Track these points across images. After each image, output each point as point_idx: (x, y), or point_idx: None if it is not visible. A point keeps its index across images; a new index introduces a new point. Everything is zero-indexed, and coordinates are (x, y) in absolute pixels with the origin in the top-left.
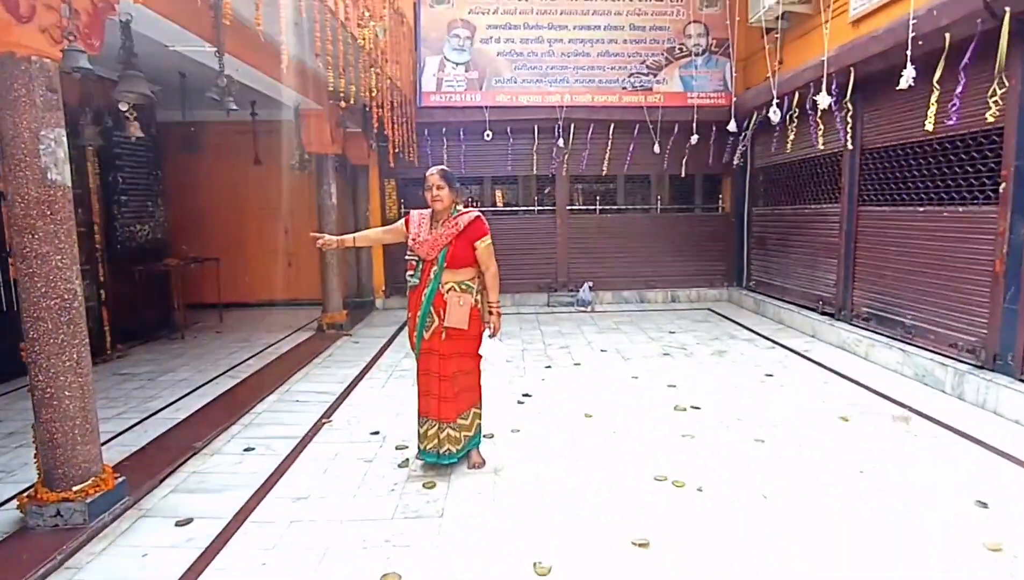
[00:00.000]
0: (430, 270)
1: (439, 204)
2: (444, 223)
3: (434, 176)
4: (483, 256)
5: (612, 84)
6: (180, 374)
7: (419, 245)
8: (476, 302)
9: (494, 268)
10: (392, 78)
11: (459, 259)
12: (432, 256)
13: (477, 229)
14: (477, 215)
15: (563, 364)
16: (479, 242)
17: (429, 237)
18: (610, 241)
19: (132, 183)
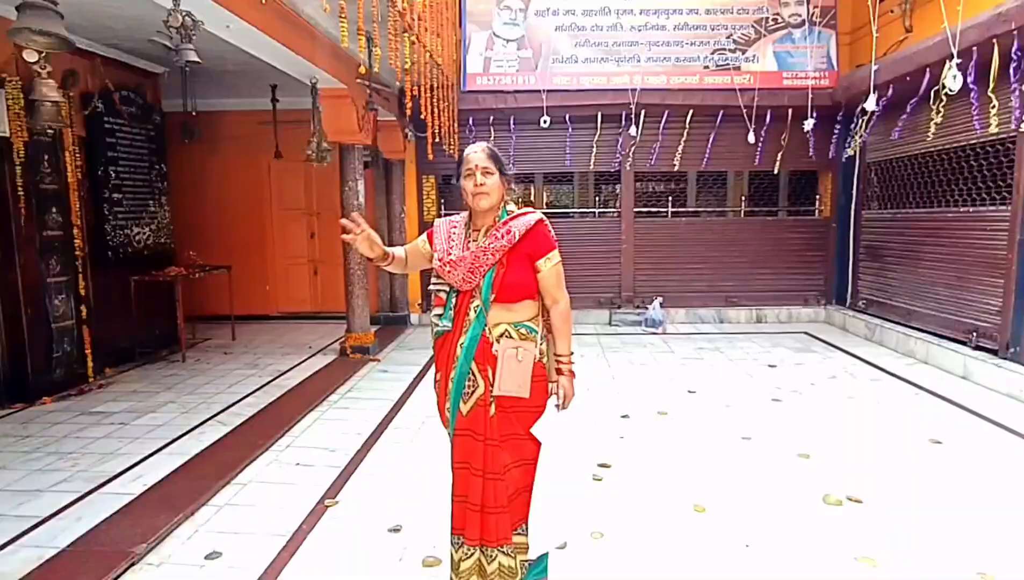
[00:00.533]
0: (468, 306)
1: (484, 200)
2: (489, 232)
3: (478, 154)
4: (549, 282)
5: (692, 63)
6: (162, 415)
7: (450, 268)
8: (541, 353)
9: (565, 300)
10: (432, 52)
11: (514, 288)
12: (471, 284)
13: (541, 239)
14: (539, 218)
15: (644, 412)
16: (544, 261)
17: (466, 255)
18: (683, 249)
19: (129, 179)
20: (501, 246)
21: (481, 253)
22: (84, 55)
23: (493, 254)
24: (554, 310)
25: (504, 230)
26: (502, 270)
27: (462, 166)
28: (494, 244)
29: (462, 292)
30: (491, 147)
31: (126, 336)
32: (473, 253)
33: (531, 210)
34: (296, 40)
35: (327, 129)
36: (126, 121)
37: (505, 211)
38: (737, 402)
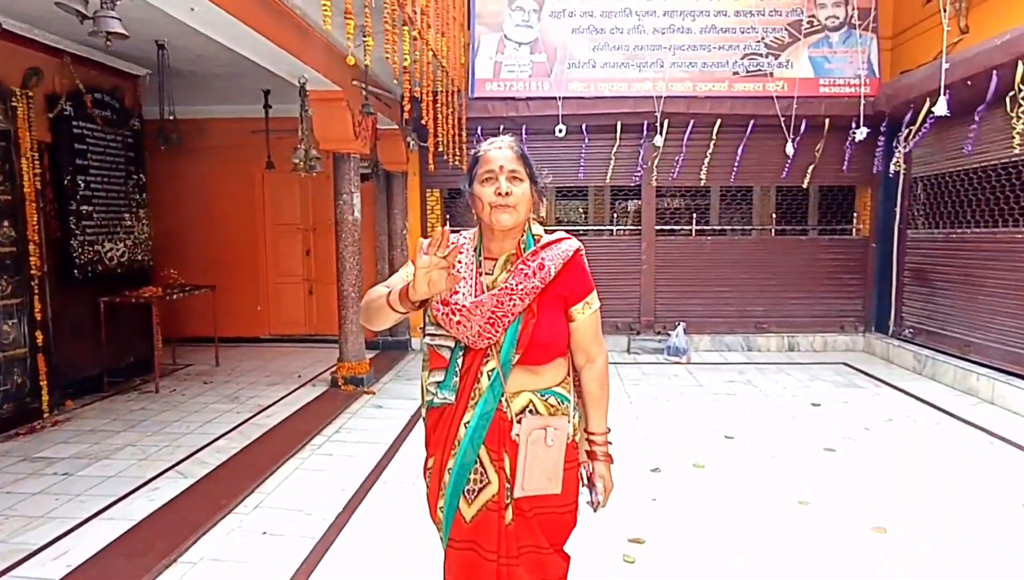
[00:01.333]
0: (478, 369)
1: (509, 216)
2: (512, 263)
3: (503, 152)
4: (586, 334)
5: (720, 68)
6: (115, 462)
7: (460, 317)
8: (575, 429)
9: (603, 358)
10: (436, 52)
11: (546, 345)
12: (489, 340)
13: (580, 277)
14: (578, 246)
15: (677, 463)
16: (582, 307)
17: (484, 299)
18: (707, 271)
19: (101, 189)
20: (533, 287)
21: (506, 297)
22: (50, 52)
23: (522, 298)
24: (588, 371)
25: (536, 263)
26: (531, 320)
27: (477, 167)
28: (524, 284)
29: (469, 350)
30: (520, 144)
31: (93, 364)
32: (495, 296)
33: (565, 234)
34: (279, 31)
35: (319, 135)
36: (99, 126)
37: (531, 234)
38: (783, 451)
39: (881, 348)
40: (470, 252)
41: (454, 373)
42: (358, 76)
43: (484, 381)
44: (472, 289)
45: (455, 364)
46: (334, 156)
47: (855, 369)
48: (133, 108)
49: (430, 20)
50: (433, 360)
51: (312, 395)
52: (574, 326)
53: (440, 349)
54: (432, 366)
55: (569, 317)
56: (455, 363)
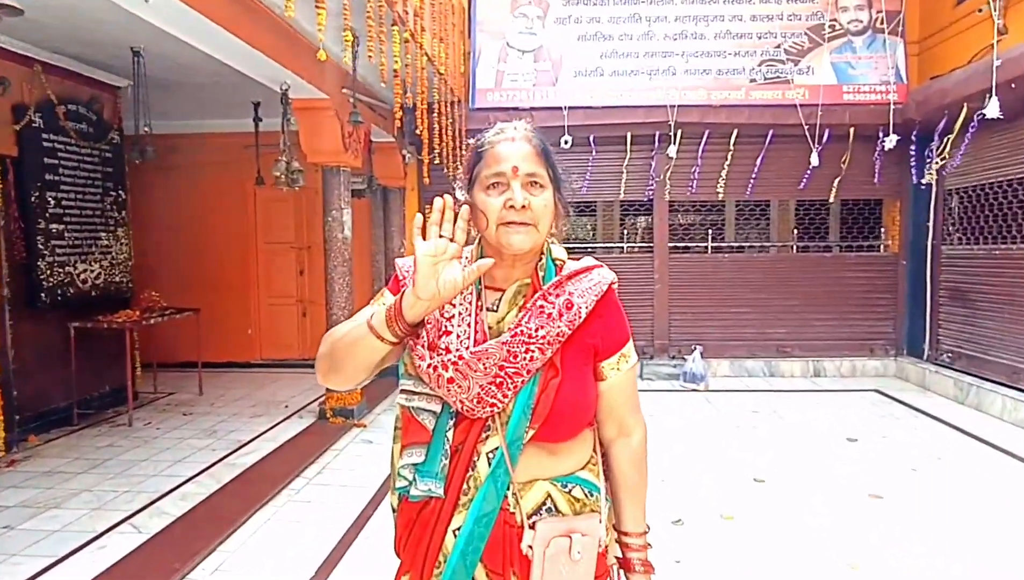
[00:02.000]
0: (474, 448)
1: (525, 236)
2: (524, 297)
3: (518, 145)
4: (620, 397)
5: (736, 75)
6: (65, 513)
7: (450, 370)
8: (607, 535)
9: (642, 430)
10: (432, 58)
11: (571, 413)
12: (493, 407)
13: (613, 320)
14: (612, 279)
15: (702, 515)
16: (616, 361)
17: (490, 349)
18: (725, 291)
19: (74, 207)
20: (558, 333)
21: (521, 347)
22: (19, 59)
23: (543, 349)
24: (621, 448)
25: (562, 301)
26: (554, 381)
27: (479, 166)
28: (547, 328)
29: (464, 419)
30: (539, 134)
31: (62, 396)
32: (506, 345)
33: (593, 261)
34: (254, 30)
35: (305, 147)
36: (73, 139)
37: (551, 259)
38: (823, 499)
39: (915, 374)
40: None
41: (440, 452)
42: (347, 83)
43: (482, 466)
44: (470, 331)
45: (442, 439)
46: (323, 170)
47: (889, 397)
48: (112, 121)
49: (424, 23)
50: (409, 430)
51: (297, 428)
52: (605, 387)
53: (420, 415)
54: (407, 440)
55: (598, 374)
56: (442, 438)
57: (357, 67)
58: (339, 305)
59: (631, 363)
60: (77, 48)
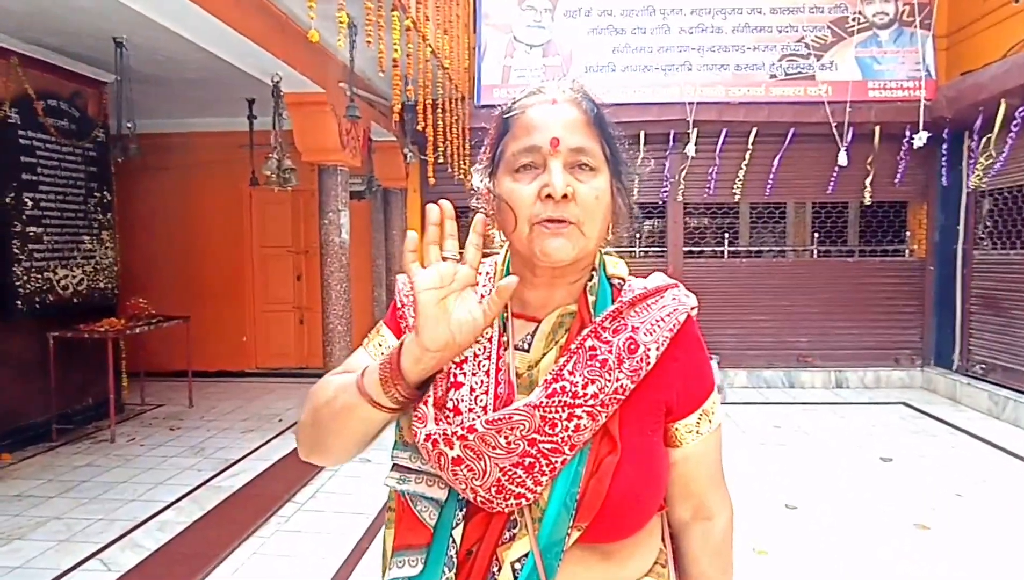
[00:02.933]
0: (493, 551)
1: (563, 242)
2: (568, 332)
3: (559, 106)
4: (700, 467)
5: (756, 71)
6: (29, 545)
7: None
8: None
9: (728, 513)
10: (436, 50)
11: (633, 506)
12: (520, 500)
13: (694, 364)
14: (691, 305)
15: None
16: (695, 420)
17: (518, 413)
18: (742, 297)
19: (54, 208)
20: (617, 390)
21: (561, 410)
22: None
23: (594, 414)
24: (699, 535)
25: (622, 339)
26: (609, 457)
27: (506, 139)
28: (601, 382)
29: (478, 511)
30: (592, 97)
31: (40, 410)
32: (538, 407)
33: (664, 279)
34: (240, 14)
35: (299, 145)
36: (53, 137)
37: (604, 276)
38: (864, 529)
39: (945, 386)
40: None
41: (442, 561)
42: (344, 76)
43: (500, 570)
44: (489, 383)
45: (445, 541)
46: (320, 170)
47: (919, 410)
48: (97, 117)
49: (428, 12)
50: (402, 525)
51: (291, 445)
52: (680, 456)
53: (418, 504)
54: (399, 541)
55: (670, 439)
56: (446, 539)
57: (355, 58)
58: (336, 313)
59: (716, 422)
60: (58, 40)
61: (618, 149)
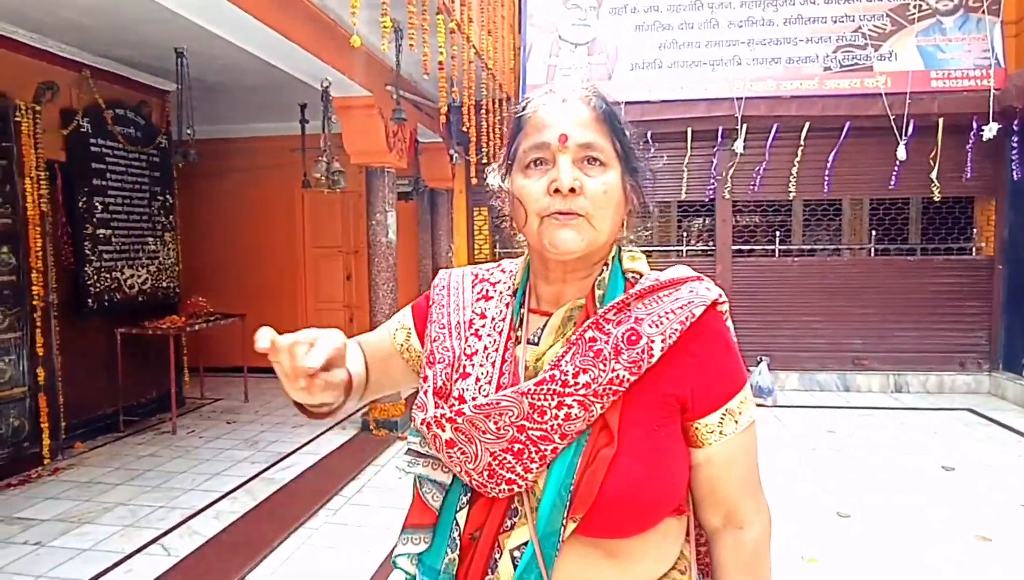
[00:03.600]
0: (495, 538)
1: (571, 233)
2: (576, 322)
3: (568, 105)
4: (727, 470)
5: (809, 64)
6: (97, 529)
7: (448, 430)
8: None
9: (763, 521)
10: (480, 52)
11: (633, 503)
12: (513, 486)
13: (714, 359)
14: (712, 298)
15: (779, 557)
16: (717, 419)
17: (500, 399)
18: (794, 297)
19: (122, 212)
20: (613, 381)
21: (552, 398)
22: (68, 64)
23: (586, 403)
24: (730, 545)
25: (623, 330)
26: (606, 451)
27: (519, 138)
28: (594, 372)
29: (481, 497)
30: (602, 94)
31: (109, 402)
32: (527, 395)
33: (687, 272)
34: (290, 22)
35: (348, 147)
36: (121, 144)
37: (619, 271)
38: (921, 539)
39: (1015, 392)
40: (507, 294)
41: (446, 542)
42: (390, 79)
43: (505, 569)
44: (494, 374)
45: (450, 523)
46: (367, 171)
47: (986, 418)
48: (160, 125)
49: (472, 13)
50: (414, 507)
51: (339, 440)
52: (703, 458)
53: (424, 487)
54: (408, 519)
55: (692, 439)
56: (450, 521)
57: (401, 62)
58: (383, 312)
59: (744, 423)
60: (124, 52)
61: (629, 145)
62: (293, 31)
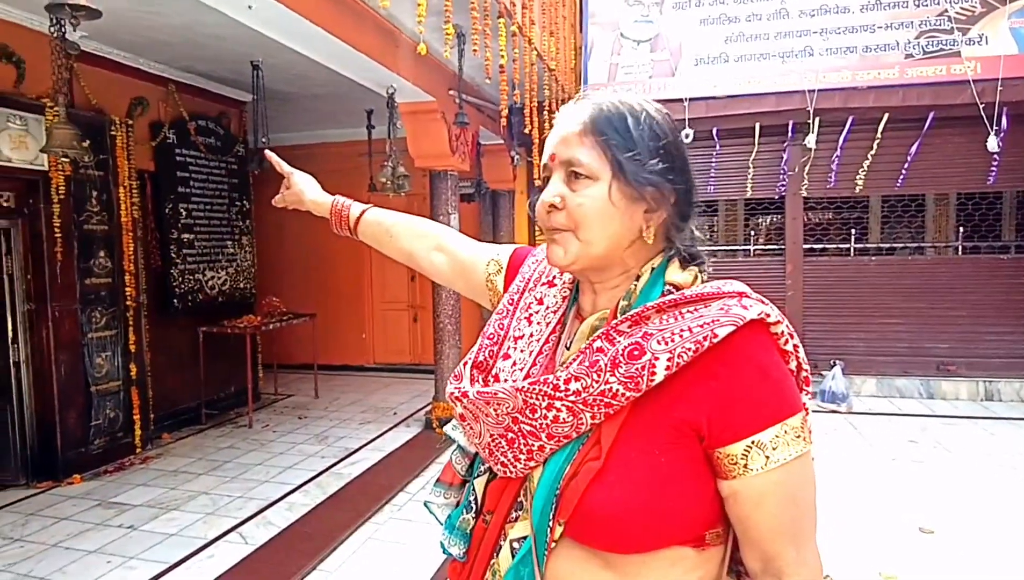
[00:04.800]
0: (503, 523)
1: (556, 249)
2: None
3: (561, 123)
4: (758, 507)
5: (888, 52)
6: (182, 516)
7: (459, 406)
8: None
9: (810, 571)
10: (542, 54)
11: (617, 520)
12: (506, 468)
13: (738, 384)
14: (746, 318)
15: (854, 573)
16: (737, 452)
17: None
18: (871, 298)
19: (203, 217)
20: (603, 393)
21: (540, 398)
22: (156, 80)
23: (574, 409)
24: None
25: (627, 345)
26: (591, 463)
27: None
28: (585, 381)
29: (498, 478)
30: (605, 105)
31: (192, 396)
32: (521, 391)
33: (731, 288)
34: (355, 32)
35: (412, 151)
36: (202, 153)
37: (661, 278)
38: (1012, 558)
39: None
40: (559, 295)
41: (464, 505)
42: (453, 84)
43: (504, 557)
44: (527, 362)
45: (470, 489)
46: (430, 174)
47: None
48: (238, 134)
49: (533, 16)
50: (448, 466)
51: (404, 438)
52: (728, 491)
53: (456, 452)
54: (442, 476)
55: (717, 467)
56: (470, 489)
57: (463, 66)
58: (446, 313)
59: (778, 460)
60: (205, 66)
61: (620, 152)
62: (361, 41)
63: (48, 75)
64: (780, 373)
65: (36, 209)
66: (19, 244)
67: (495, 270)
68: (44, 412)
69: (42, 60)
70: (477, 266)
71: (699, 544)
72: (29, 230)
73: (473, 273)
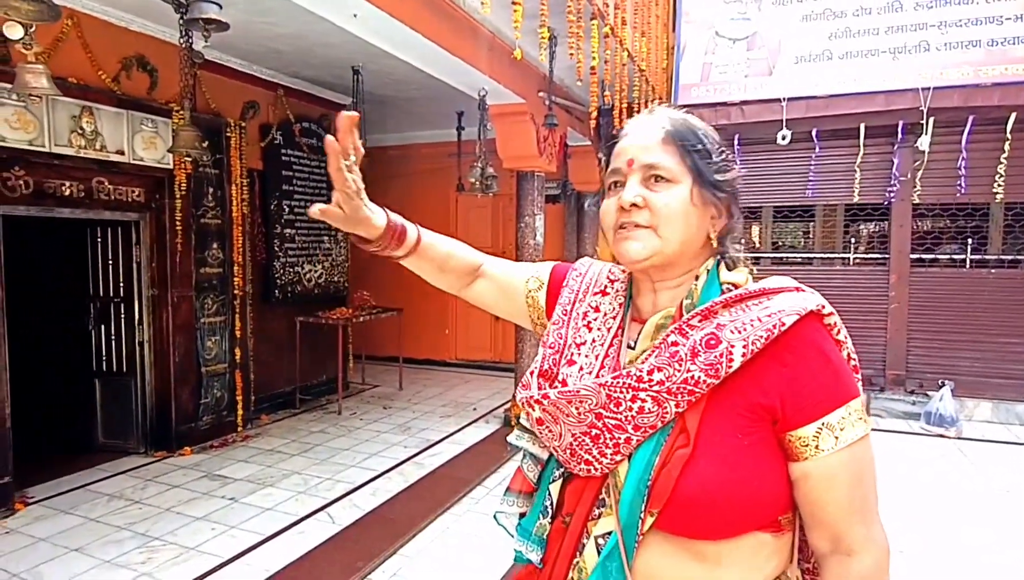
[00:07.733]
0: (584, 522)
1: (636, 244)
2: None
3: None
4: (830, 488)
5: (1017, 44)
6: (277, 493)
7: (537, 410)
8: None
9: (877, 551)
10: (633, 55)
11: (711, 504)
12: (590, 467)
13: (806, 370)
14: (808, 309)
15: None
16: (814, 430)
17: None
18: (986, 315)
19: (303, 214)
20: (687, 380)
21: (624, 390)
22: (267, 85)
23: (660, 399)
24: (836, 570)
25: (702, 335)
26: (681, 450)
27: (611, 165)
28: (669, 371)
29: (576, 479)
30: (681, 117)
31: (287, 381)
32: (605, 386)
33: (784, 282)
34: (451, 37)
35: (501, 153)
36: (305, 153)
37: (716, 279)
38: None
39: None
40: (615, 300)
41: (539, 510)
42: (543, 86)
43: (590, 555)
44: (595, 366)
45: (544, 494)
46: (517, 175)
47: None
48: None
49: (626, 16)
50: (517, 474)
51: (483, 433)
52: (799, 473)
53: (525, 460)
54: (512, 484)
55: (789, 451)
56: (544, 493)
57: (553, 68)
58: None
59: (847, 440)
60: (310, 72)
61: (700, 160)
62: (457, 46)
63: (176, 82)
64: (839, 359)
65: (161, 204)
66: (146, 235)
67: (536, 286)
68: (162, 389)
69: (171, 69)
70: (516, 285)
71: (776, 529)
72: (155, 223)
73: (514, 293)
